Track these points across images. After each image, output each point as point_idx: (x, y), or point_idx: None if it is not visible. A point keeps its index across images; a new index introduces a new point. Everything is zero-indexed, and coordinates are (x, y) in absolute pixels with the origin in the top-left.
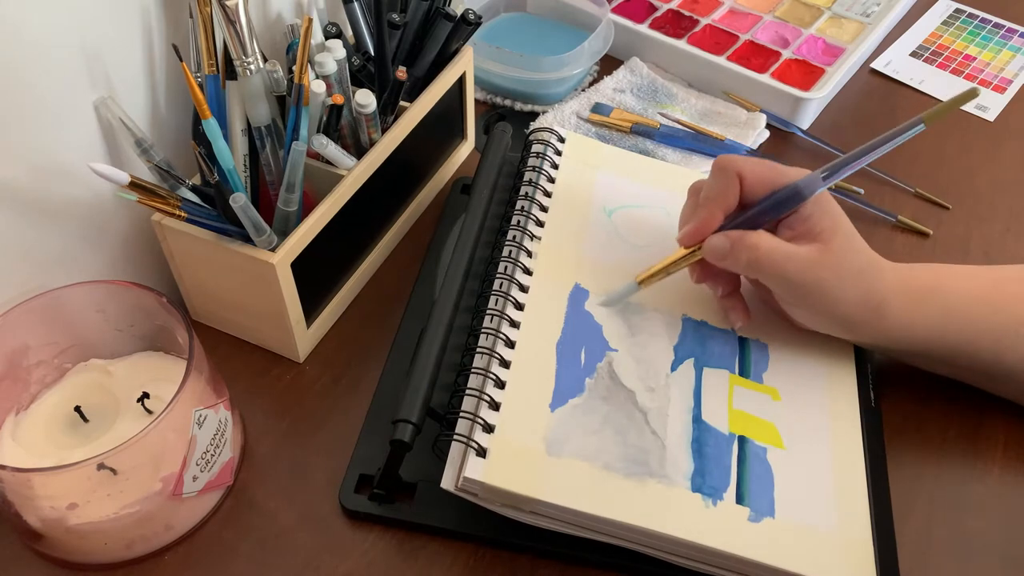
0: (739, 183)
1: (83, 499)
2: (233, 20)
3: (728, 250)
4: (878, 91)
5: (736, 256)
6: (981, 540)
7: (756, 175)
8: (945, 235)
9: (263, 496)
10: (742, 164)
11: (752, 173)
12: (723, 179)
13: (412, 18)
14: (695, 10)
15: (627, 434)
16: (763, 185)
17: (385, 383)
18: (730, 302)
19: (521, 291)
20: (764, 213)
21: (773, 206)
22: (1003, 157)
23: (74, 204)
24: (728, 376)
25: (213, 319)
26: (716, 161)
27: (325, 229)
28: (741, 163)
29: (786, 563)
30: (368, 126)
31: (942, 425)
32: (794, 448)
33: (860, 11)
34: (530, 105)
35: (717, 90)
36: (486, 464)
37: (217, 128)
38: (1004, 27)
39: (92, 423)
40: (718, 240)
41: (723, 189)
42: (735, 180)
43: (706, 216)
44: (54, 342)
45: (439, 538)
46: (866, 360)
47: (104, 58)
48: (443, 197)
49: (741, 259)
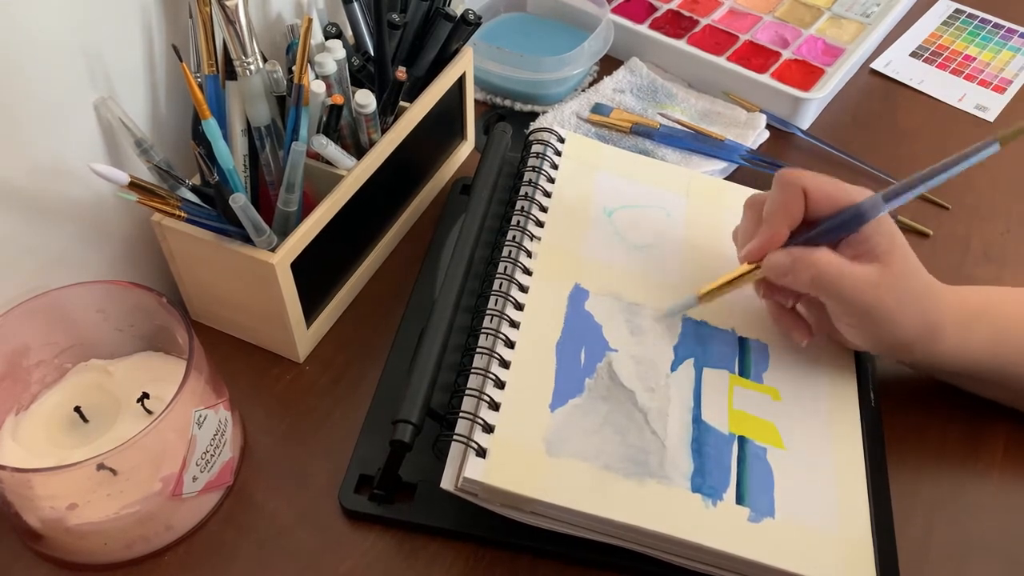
0: (804, 198)
1: (83, 499)
2: (233, 20)
3: (790, 267)
4: (878, 91)
5: (798, 274)
6: (981, 541)
7: (821, 191)
8: (945, 235)
9: (263, 496)
10: (807, 179)
11: (817, 189)
12: (788, 193)
13: (412, 18)
14: (695, 10)
15: (627, 434)
16: (828, 201)
17: (385, 383)
18: (794, 320)
19: (521, 291)
20: (826, 233)
21: (836, 227)
22: (1003, 157)
23: (74, 204)
24: (728, 376)
25: (213, 319)
26: (780, 175)
27: (325, 229)
28: (806, 178)
29: (786, 563)
30: (368, 126)
31: (942, 426)
32: (794, 448)
33: (860, 11)
34: (530, 105)
35: (717, 90)
36: (486, 464)
37: (217, 128)
38: (1004, 27)
39: (92, 423)
40: (780, 257)
41: (788, 204)
42: (800, 194)
43: (771, 232)
44: (54, 342)
45: (439, 538)
46: (866, 360)
47: (104, 58)
48: (443, 197)
49: (803, 277)
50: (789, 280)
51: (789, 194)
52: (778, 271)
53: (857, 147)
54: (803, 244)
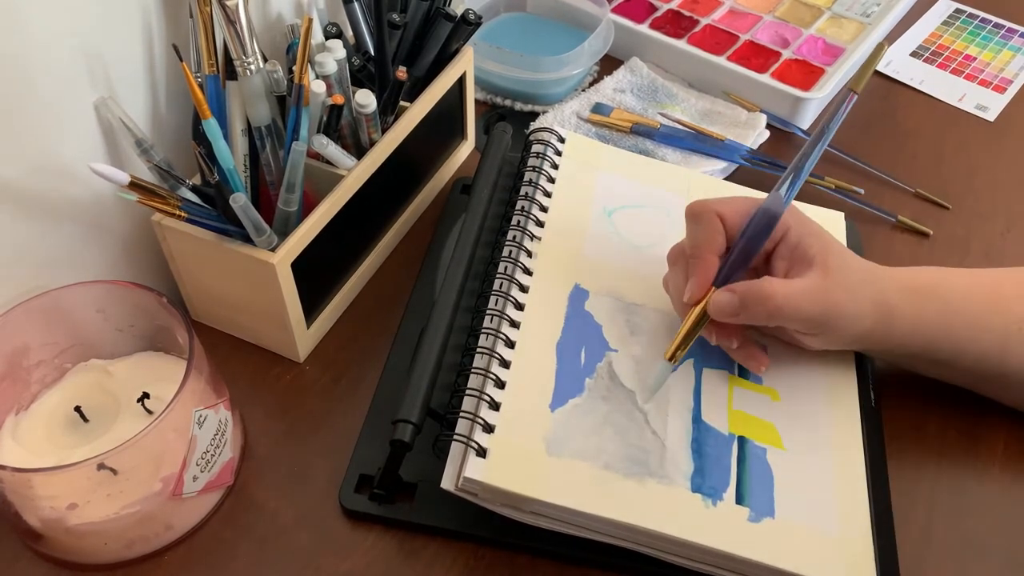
0: (721, 224)
1: (83, 499)
2: (233, 20)
3: (738, 306)
4: (878, 91)
5: (751, 310)
6: (981, 540)
7: (734, 210)
8: (945, 235)
9: (263, 496)
10: (718, 204)
11: (730, 210)
12: (705, 222)
13: (412, 18)
14: (695, 10)
15: (627, 434)
16: (743, 218)
17: (385, 383)
18: (747, 351)
19: (521, 291)
20: (749, 243)
21: (754, 234)
22: (1003, 157)
23: (74, 204)
24: (728, 377)
25: (213, 319)
26: (689, 208)
27: (325, 229)
28: (716, 204)
29: (786, 563)
30: (368, 126)
31: (942, 425)
32: (794, 448)
33: (860, 11)
34: (530, 105)
35: (717, 90)
36: (486, 464)
37: (217, 128)
38: (1004, 27)
39: (92, 423)
40: (723, 297)
41: (709, 233)
42: (716, 221)
43: (702, 265)
44: (54, 342)
45: (439, 538)
46: (866, 361)
47: (104, 58)
48: (443, 197)
49: (758, 312)
50: (743, 318)
51: (706, 223)
52: (727, 311)
53: (857, 147)
54: (734, 264)
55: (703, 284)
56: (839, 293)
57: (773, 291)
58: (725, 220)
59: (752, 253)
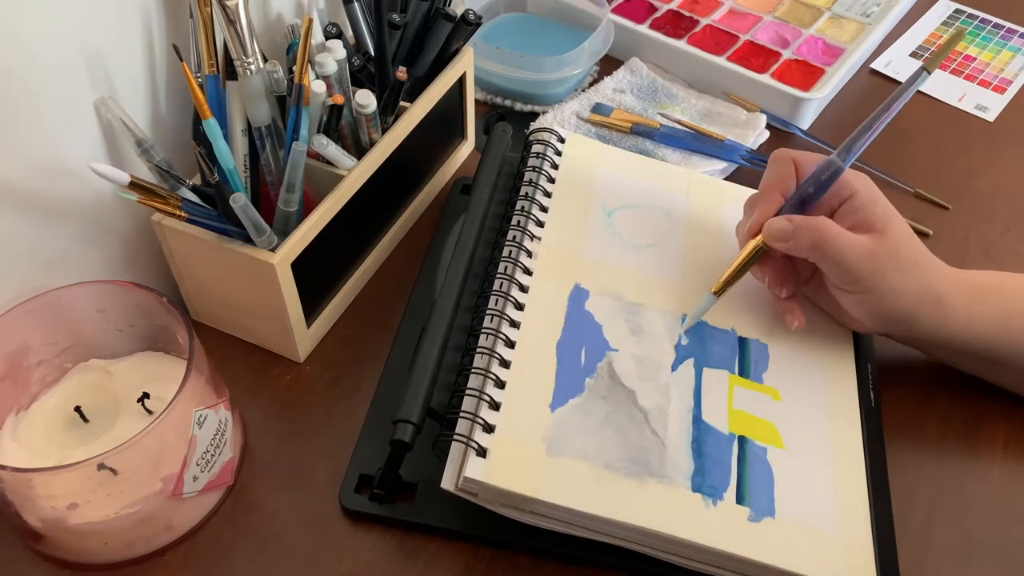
0: (794, 170)
1: (83, 499)
2: (233, 20)
3: (791, 232)
4: (878, 91)
5: (799, 238)
6: (981, 540)
7: (809, 160)
8: (945, 235)
9: (263, 496)
10: (796, 153)
11: (806, 159)
12: (780, 165)
13: (412, 18)
14: (695, 10)
15: (627, 434)
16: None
17: (385, 383)
18: (789, 304)
19: (521, 291)
20: (810, 192)
21: (817, 182)
22: (1003, 157)
23: (74, 204)
24: (728, 376)
25: (213, 319)
26: (773, 153)
27: (325, 229)
28: (795, 152)
29: (786, 563)
30: (368, 126)
31: (942, 425)
32: (794, 448)
33: (860, 11)
34: (530, 105)
35: (717, 90)
36: (486, 464)
37: (217, 128)
38: (1004, 27)
39: (92, 423)
40: (780, 222)
41: (780, 175)
42: (790, 166)
43: (766, 200)
44: (54, 342)
45: (439, 538)
46: (866, 360)
47: (104, 58)
48: (443, 197)
49: (804, 241)
50: (791, 245)
51: (781, 166)
52: (779, 235)
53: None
54: (795, 204)
55: (764, 216)
56: (887, 260)
57: (826, 226)
58: (799, 167)
59: (812, 199)
